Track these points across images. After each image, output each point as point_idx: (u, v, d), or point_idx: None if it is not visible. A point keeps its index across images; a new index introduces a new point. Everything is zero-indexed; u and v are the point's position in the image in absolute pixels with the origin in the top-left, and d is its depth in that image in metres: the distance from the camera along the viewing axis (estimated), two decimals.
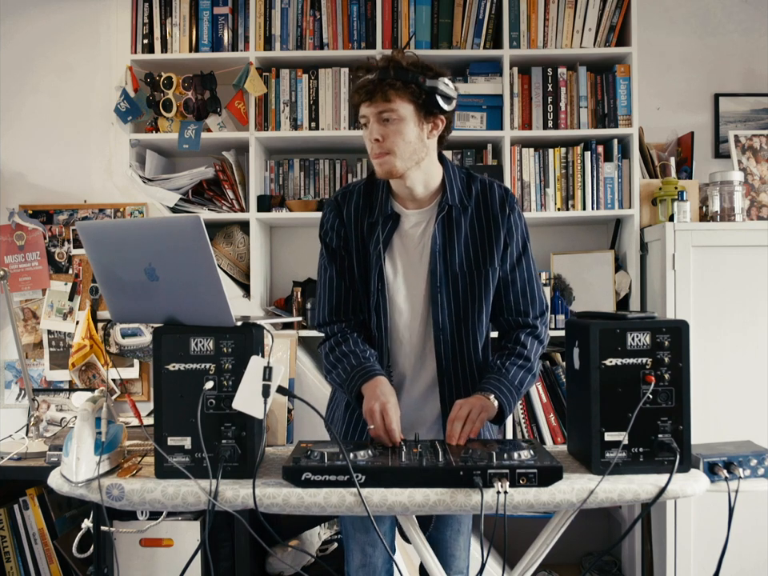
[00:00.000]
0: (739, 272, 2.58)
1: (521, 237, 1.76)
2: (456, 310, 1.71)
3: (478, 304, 1.72)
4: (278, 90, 2.89)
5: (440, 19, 2.87)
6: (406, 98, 1.60)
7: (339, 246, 1.75)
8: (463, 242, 1.71)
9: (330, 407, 1.89)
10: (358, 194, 1.76)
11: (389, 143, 1.62)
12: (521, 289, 1.75)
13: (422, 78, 1.60)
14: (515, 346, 1.72)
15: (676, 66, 3.12)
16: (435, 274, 1.69)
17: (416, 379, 1.75)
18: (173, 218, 2.38)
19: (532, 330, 1.75)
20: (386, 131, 1.61)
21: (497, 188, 1.75)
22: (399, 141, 1.61)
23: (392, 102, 1.59)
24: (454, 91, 1.66)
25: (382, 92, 1.59)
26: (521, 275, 1.75)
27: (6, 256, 3.03)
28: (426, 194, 1.72)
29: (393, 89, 1.59)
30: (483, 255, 1.71)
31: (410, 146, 1.63)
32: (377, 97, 1.59)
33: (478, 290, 1.71)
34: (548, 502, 1.37)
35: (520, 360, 1.70)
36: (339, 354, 1.69)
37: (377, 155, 1.64)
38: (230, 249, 2.91)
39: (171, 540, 2.41)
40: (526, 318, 1.75)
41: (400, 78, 1.59)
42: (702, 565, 2.54)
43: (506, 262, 1.74)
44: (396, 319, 1.73)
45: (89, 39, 3.05)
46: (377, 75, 1.60)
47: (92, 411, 1.49)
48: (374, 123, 1.62)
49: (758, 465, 1.52)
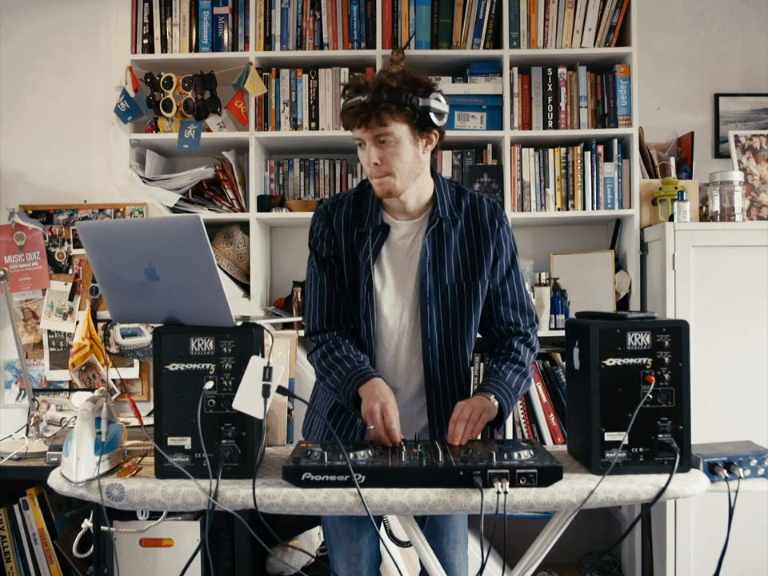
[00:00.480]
0: (739, 272, 2.58)
1: (510, 250, 1.78)
2: (445, 321, 1.72)
3: (467, 316, 1.73)
4: (278, 90, 2.89)
5: (440, 19, 2.87)
6: (401, 119, 1.60)
7: (329, 255, 1.75)
8: (453, 255, 1.72)
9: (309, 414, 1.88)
10: (348, 204, 1.76)
11: (387, 166, 1.63)
12: (511, 301, 1.77)
13: (415, 98, 1.60)
14: (509, 351, 1.74)
15: (676, 66, 3.12)
16: (425, 285, 1.70)
17: (403, 389, 1.75)
18: (173, 217, 2.39)
19: (524, 338, 1.77)
20: (384, 153, 1.62)
21: (486, 202, 1.77)
22: (397, 162, 1.63)
23: (388, 126, 1.59)
24: (445, 105, 1.67)
25: (377, 117, 1.58)
26: (510, 288, 1.77)
27: (6, 256, 3.03)
28: (418, 206, 1.73)
29: (387, 112, 1.58)
30: (473, 268, 1.73)
31: (408, 165, 1.64)
32: (372, 122, 1.59)
33: (467, 301, 1.73)
34: (548, 502, 1.37)
35: (515, 365, 1.72)
36: (332, 359, 1.69)
37: (376, 177, 1.65)
38: (230, 249, 2.91)
39: (171, 540, 2.41)
40: (517, 327, 1.77)
41: (394, 101, 1.58)
42: (702, 565, 2.54)
43: (496, 275, 1.76)
44: (384, 329, 1.73)
45: (89, 39, 3.05)
46: (369, 98, 1.58)
47: (92, 411, 1.49)
48: (371, 147, 1.62)
49: (758, 465, 1.52)
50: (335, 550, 1.81)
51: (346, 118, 1.64)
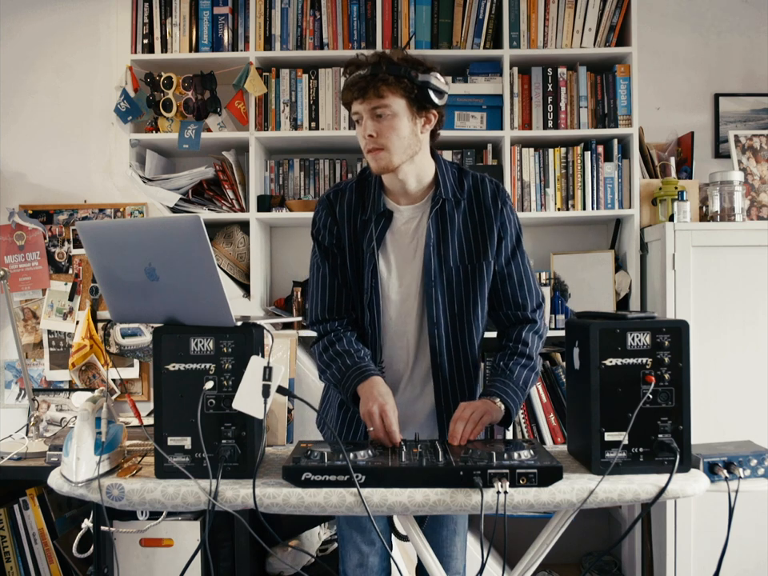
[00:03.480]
0: (739, 272, 2.58)
1: (514, 230, 1.77)
2: (450, 304, 1.72)
3: (472, 298, 1.72)
4: (278, 90, 2.89)
5: (440, 19, 2.87)
6: (399, 93, 1.60)
7: (332, 244, 1.75)
8: (457, 237, 1.72)
9: (323, 407, 1.89)
10: (350, 192, 1.76)
11: (383, 139, 1.62)
12: (518, 281, 1.75)
13: (414, 72, 1.60)
14: (517, 344, 1.73)
15: (676, 66, 3.12)
16: (429, 268, 1.70)
17: (410, 375, 1.76)
18: (173, 218, 2.39)
19: (532, 326, 1.75)
20: (380, 127, 1.62)
21: (488, 183, 1.76)
22: (393, 136, 1.62)
23: (385, 98, 1.60)
24: (445, 85, 1.66)
25: (374, 88, 1.59)
26: (516, 268, 1.76)
27: (6, 256, 3.03)
28: (419, 188, 1.73)
29: (385, 84, 1.59)
30: (477, 249, 1.72)
31: (404, 140, 1.64)
32: (369, 93, 1.59)
33: (472, 284, 1.72)
34: (548, 502, 1.37)
35: (523, 359, 1.71)
36: (333, 353, 1.69)
37: (371, 150, 1.64)
38: (230, 249, 2.91)
39: (171, 540, 2.41)
40: (524, 311, 1.76)
41: (392, 72, 1.59)
42: (702, 565, 2.54)
43: (501, 255, 1.74)
44: (390, 315, 1.73)
45: (89, 39, 3.06)
46: (368, 71, 1.59)
47: (92, 411, 1.49)
48: (368, 120, 1.62)
49: (758, 465, 1.52)
50: (347, 539, 1.82)
51: (346, 92, 1.64)
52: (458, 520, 1.85)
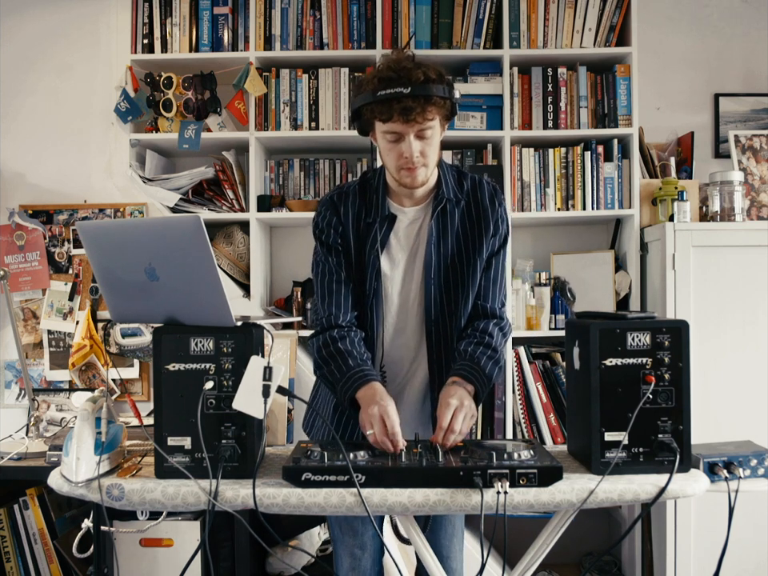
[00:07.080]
0: (739, 272, 2.58)
1: (504, 231, 1.79)
2: (447, 300, 1.73)
3: (464, 294, 1.74)
4: (278, 90, 2.89)
5: (440, 19, 2.87)
6: (441, 113, 1.62)
7: (336, 243, 1.74)
8: (455, 235, 1.74)
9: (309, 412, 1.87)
10: (354, 194, 1.76)
11: (425, 157, 1.64)
12: (493, 276, 1.77)
13: (451, 90, 1.62)
14: (483, 334, 1.71)
15: (676, 66, 3.12)
16: (430, 265, 1.71)
17: (412, 374, 1.76)
18: (173, 218, 2.39)
19: (498, 322, 1.75)
20: (424, 145, 1.63)
21: (486, 185, 1.79)
22: (432, 153, 1.65)
23: (433, 120, 1.61)
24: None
25: (422, 110, 1.57)
26: (495, 264, 1.78)
27: (6, 256, 3.03)
28: (425, 191, 1.74)
29: (435, 106, 1.58)
30: (473, 246, 1.74)
31: (437, 155, 1.69)
32: (416, 115, 1.56)
33: (465, 280, 1.73)
34: (548, 501, 1.37)
35: (489, 350, 1.68)
36: (334, 350, 1.66)
37: (412, 168, 1.64)
38: (230, 249, 2.91)
39: (171, 540, 2.41)
40: (493, 304, 1.76)
41: (438, 94, 1.58)
42: (702, 565, 2.54)
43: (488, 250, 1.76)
44: (392, 316, 1.74)
45: (89, 39, 3.06)
46: (414, 91, 1.55)
47: (92, 411, 1.49)
48: (414, 141, 1.61)
49: (758, 465, 1.52)
50: (339, 543, 1.81)
51: (383, 110, 1.58)
52: (455, 522, 1.85)
